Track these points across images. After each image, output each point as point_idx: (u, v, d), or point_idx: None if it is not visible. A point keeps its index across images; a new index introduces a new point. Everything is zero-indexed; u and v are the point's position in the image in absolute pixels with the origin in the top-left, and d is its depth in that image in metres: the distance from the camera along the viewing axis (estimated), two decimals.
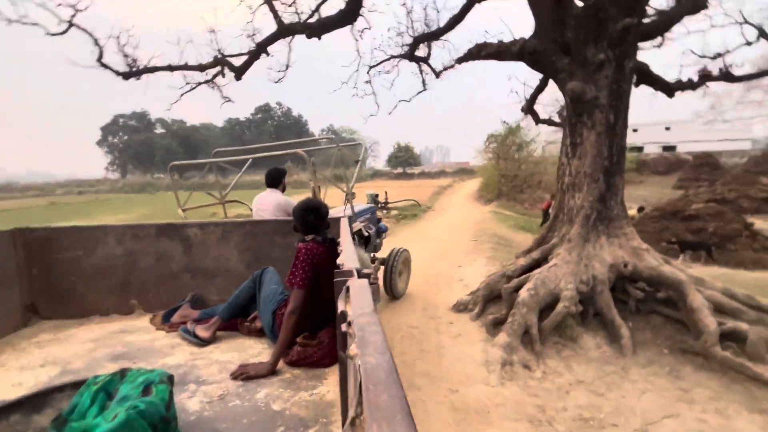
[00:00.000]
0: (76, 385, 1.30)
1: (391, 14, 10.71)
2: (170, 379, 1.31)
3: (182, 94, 8.34)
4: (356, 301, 0.82)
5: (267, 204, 3.51)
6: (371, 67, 11.48)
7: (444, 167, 74.27)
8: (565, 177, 5.23)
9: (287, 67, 11.67)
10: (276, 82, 11.68)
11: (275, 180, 3.66)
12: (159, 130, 62.43)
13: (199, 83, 8.12)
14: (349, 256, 1.42)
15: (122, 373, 1.33)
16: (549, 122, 10.60)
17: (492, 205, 16.73)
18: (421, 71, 11.54)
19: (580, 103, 4.79)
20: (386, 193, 16.39)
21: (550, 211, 12.85)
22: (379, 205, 14.49)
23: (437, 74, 11.36)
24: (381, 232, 5.53)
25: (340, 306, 0.94)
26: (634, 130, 32.20)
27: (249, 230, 2.63)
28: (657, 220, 9.37)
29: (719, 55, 8.06)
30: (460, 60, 5.87)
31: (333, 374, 1.75)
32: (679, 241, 8.58)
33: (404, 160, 55.54)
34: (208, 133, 64.81)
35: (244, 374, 1.73)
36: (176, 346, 2.09)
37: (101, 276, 2.59)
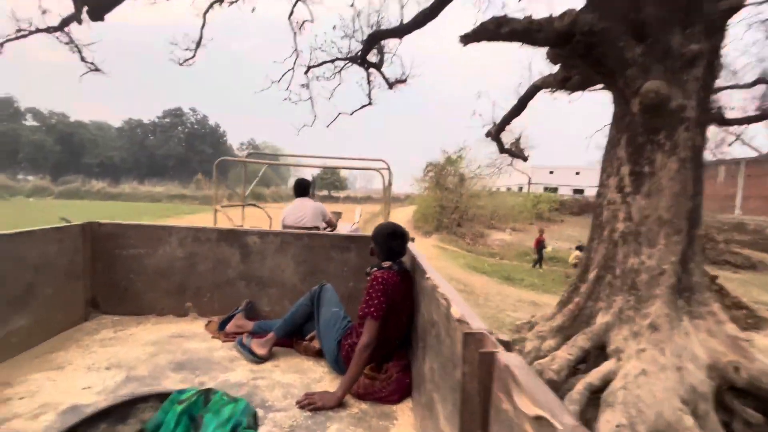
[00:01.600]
0: (161, 397, 1.37)
1: (337, 14, 8.94)
2: (255, 418, 1.36)
3: (4, 42, 5.13)
4: (539, 396, 0.57)
5: (304, 210, 3.62)
6: (310, 68, 9.34)
7: (369, 192, 73.54)
8: (619, 222, 3.53)
9: (198, 45, 8.93)
10: (181, 64, 8.90)
11: (306, 189, 3.79)
12: (29, 122, 50.74)
13: (37, 30, 5.03)
14: (465, 309, 1.03)
15: (206, 397, 1.38)
16: (512, 153, 9.39)
17: (433, 239, 15.25)
18: (369, 81, 9.72)
19: (660, 114, 3.17)
20: None
21: (544, 248, 11.52)
22: None
23: (390, 84, 9.60)
24: None
25: (506, 403, 0.65)
26: (551, 172, 34.91)
27: (307, 243, 2.58)
28: None
29: None
30: (466, 39, 3.98)
31: (403, 413, 1.68)
32: None
33: (330, 183, 53.21)
34: (99, 133, 54.66)
35: (312, 404, 1.65)
36: (234, 359, 2.06)
37: (160, 276, 2.58)
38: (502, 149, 8.99)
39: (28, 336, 2.03)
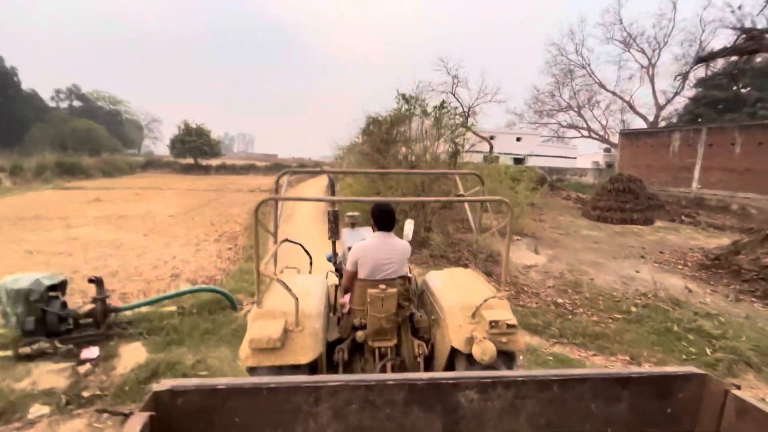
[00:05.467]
0: None
1: None
2: None
3: None
4: None
5: (390, 253, 2.59)
6: None
7: (250, 159, 59.53)
8: None
9: None
10: None
11: (393, 221, 2.69)
12: None
13: None
14: None
15: None
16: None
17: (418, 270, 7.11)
18: None
19: None
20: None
21: None
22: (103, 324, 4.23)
23: None
24: None
25: None
26: (492, 137, 29.67)
27: (556, 393, 1.54)
28: None
29: None
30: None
31: None
32: None
33: (196, 147, 39.19)
34: None
35: None
36: None
37: None
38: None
39: None
